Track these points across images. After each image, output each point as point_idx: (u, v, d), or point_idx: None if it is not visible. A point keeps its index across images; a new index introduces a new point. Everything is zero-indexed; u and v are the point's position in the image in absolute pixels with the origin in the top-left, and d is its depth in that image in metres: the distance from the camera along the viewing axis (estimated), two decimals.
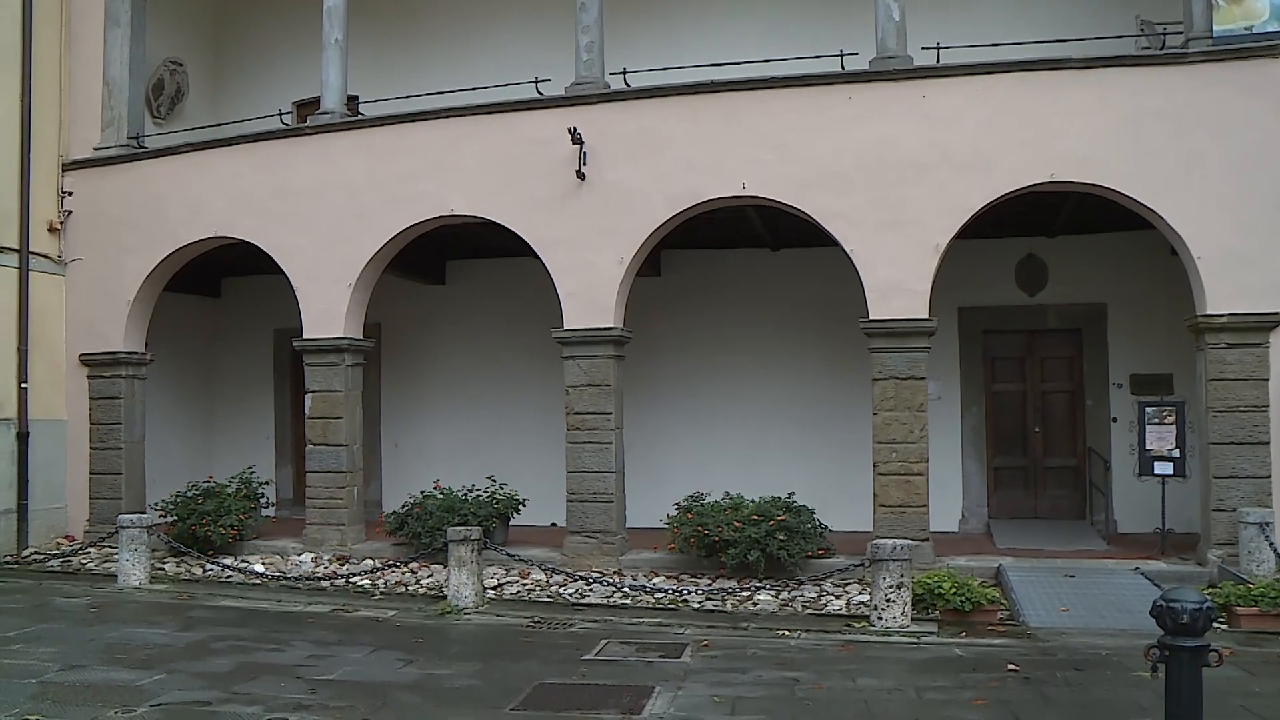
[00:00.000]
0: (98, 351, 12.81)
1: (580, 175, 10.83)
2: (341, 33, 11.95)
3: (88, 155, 13.05)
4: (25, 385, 12.44)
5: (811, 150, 10.39)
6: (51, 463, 12.83)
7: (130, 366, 12.81)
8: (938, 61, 10.31)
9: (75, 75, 13.21)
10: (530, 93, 11.29)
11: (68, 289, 13.08)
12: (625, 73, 11.28)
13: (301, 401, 12.55)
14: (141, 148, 13.01)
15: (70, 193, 13.08)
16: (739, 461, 12.80)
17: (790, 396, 13.14)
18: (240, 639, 8.19)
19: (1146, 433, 10.57)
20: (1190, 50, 9.72)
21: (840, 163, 10.31)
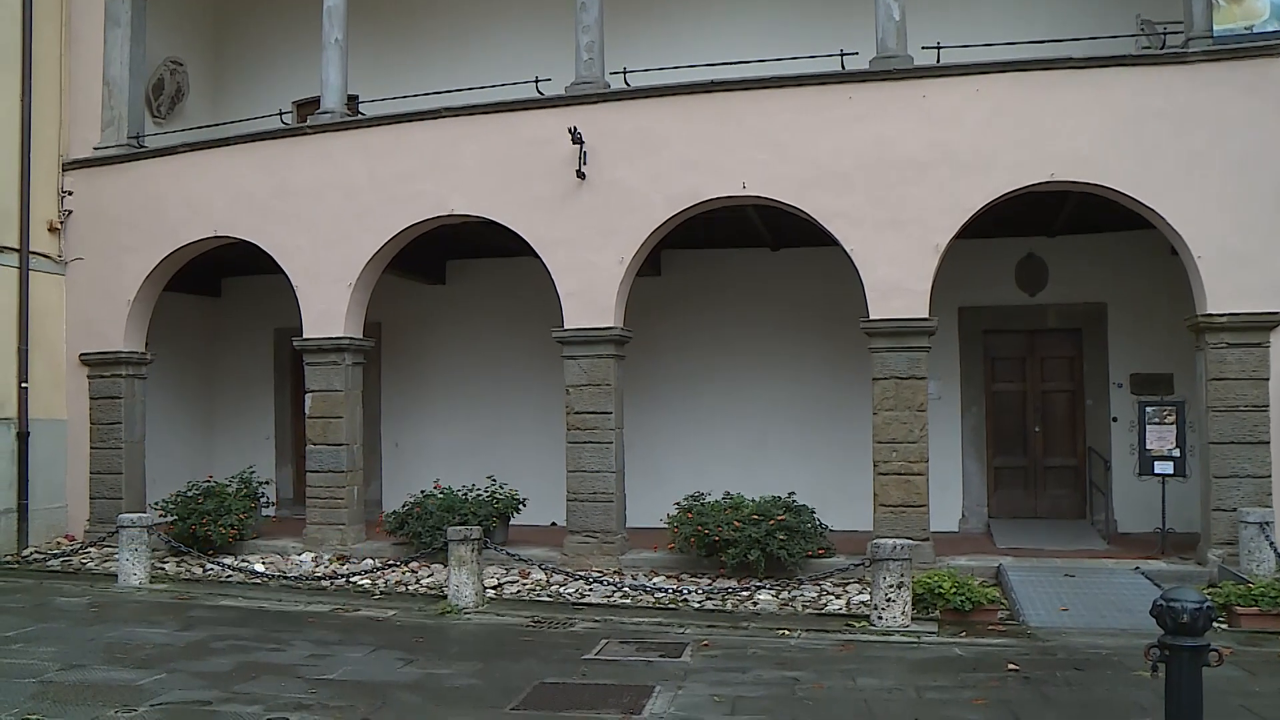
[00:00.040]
0: (98, 351, 12.82)
1: (580, 175, 10.83)
2: (341, 32, 11.95)
3: (88, 155, 13.05)
4: (25, 385, 12.45)
5: (812, 150, 10.40)
6: (52, 462, 12.84)
7: (130, 366, 12.81)
8: (938, 61, 10.31)
9: (75, 75, 13.21)
10: (530, 92, 11.29)
11: (68, 289, 13.08)
12: (625, 72, 11.29)
13: (301, 401, 12.55)
14: (141, 147, 13.00)
15: (70, 192, 13.08)
16: (739, 461, 12.80)
17: (790, 396, 13.14)
18: (240, 638, 8.19)
19: (1146, 432, 10.58)
20: (1190, 50, 9.72)
21: (840, 162, 10.32)
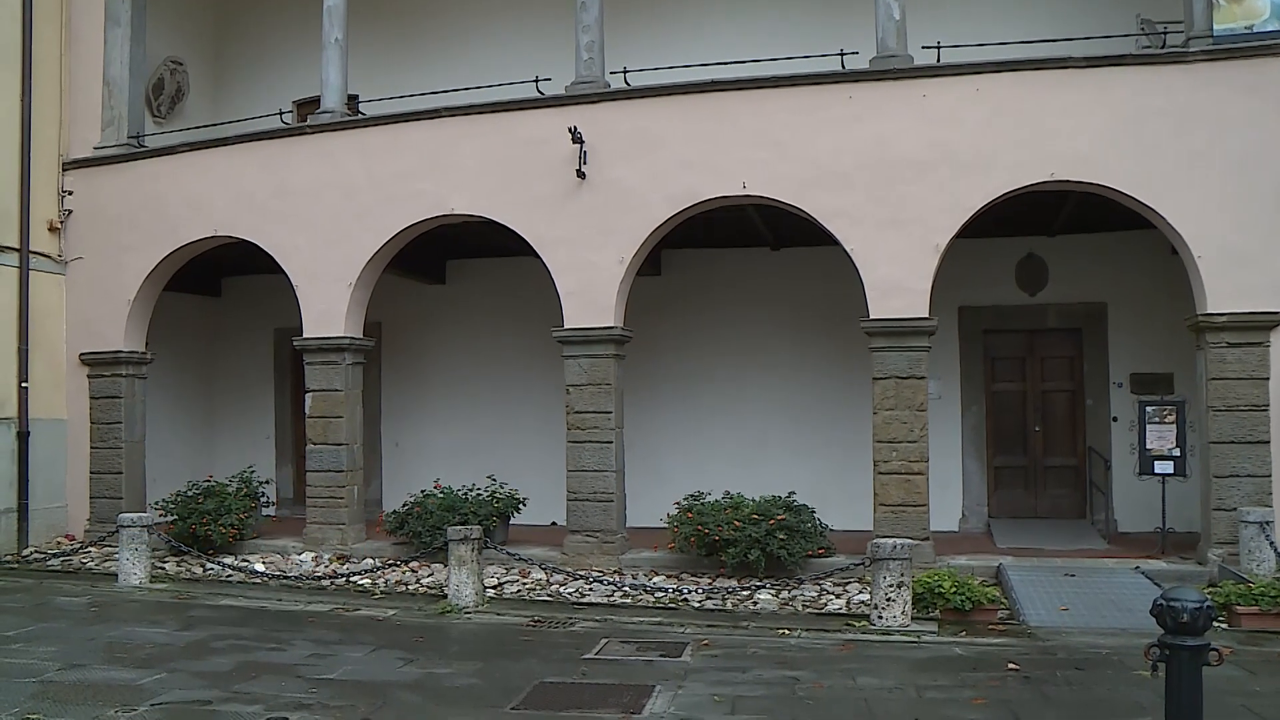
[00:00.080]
0: (98, 351, 12.81)
1: (580, 174, 10.83)
2: (341, 32, 11.95)
3: (88, 154, 13.04)
4: (25, 385, 12.44)
5: (812, 149, 10.40)
6: (52, 462, 12.83)
7: (130, 366, 12.81)
8: (938, 61, 10.31)
9: (75, 75, 13.20)
10: (530, 92, 11.29)
11: (68, 288, 13.08)
12: (625, 72, 11.29)
13: (302, 401, 12.55)
14: (142, 147, 13.00)
15: (70, 192, 13.07)
16: (739, 461, 12.80)
17: (790, 396, 13.14)
18: (240, 638, 8.19)
19: (1147, 432, 10.57)
20: (1191, 49, 9.72)
21: (840, 162, 10.32)
